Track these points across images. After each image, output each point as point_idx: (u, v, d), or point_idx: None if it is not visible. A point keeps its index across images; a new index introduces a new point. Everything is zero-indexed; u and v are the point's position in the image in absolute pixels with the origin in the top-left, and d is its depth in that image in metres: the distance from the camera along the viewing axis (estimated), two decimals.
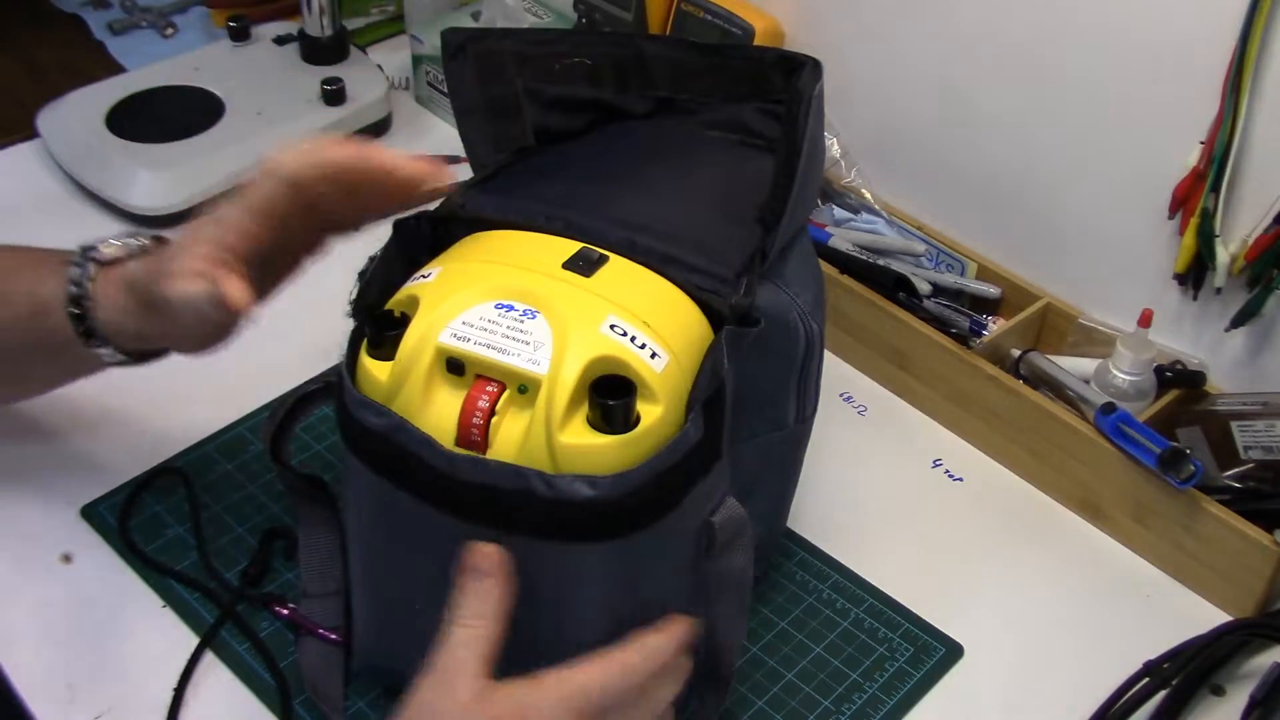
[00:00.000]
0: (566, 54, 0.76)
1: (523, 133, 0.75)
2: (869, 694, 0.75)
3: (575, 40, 0.76)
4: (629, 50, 0.76)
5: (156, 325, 0.70)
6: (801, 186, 0.67)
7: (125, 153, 1.06)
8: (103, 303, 0.71)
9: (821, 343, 0.72)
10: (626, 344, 0.58)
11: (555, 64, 0.75)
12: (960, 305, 0.98)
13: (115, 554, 0.79)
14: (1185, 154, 0.84)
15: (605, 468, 0.56)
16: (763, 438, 0.71)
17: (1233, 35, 0.79)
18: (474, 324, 0.59)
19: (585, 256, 0.62)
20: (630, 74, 0.77)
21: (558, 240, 0.64)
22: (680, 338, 0.61)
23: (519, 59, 0.75)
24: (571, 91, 0.76)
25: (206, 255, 0.66)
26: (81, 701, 0.72)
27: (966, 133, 0.97)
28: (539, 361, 0.57)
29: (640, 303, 0.60)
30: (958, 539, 0.86)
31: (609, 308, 0.59)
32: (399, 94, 1.24)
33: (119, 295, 0.71)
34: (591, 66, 0.76)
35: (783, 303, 0.68)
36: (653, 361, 0.58)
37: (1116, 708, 0.73)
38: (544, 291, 0.60)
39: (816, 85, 0.67)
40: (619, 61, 0.77)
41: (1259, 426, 0.82)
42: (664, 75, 0.77)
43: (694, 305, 0.63)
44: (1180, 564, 0.83)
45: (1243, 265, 0.83)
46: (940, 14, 0.95)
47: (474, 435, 0.58)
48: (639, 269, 0.63)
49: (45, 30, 1.29)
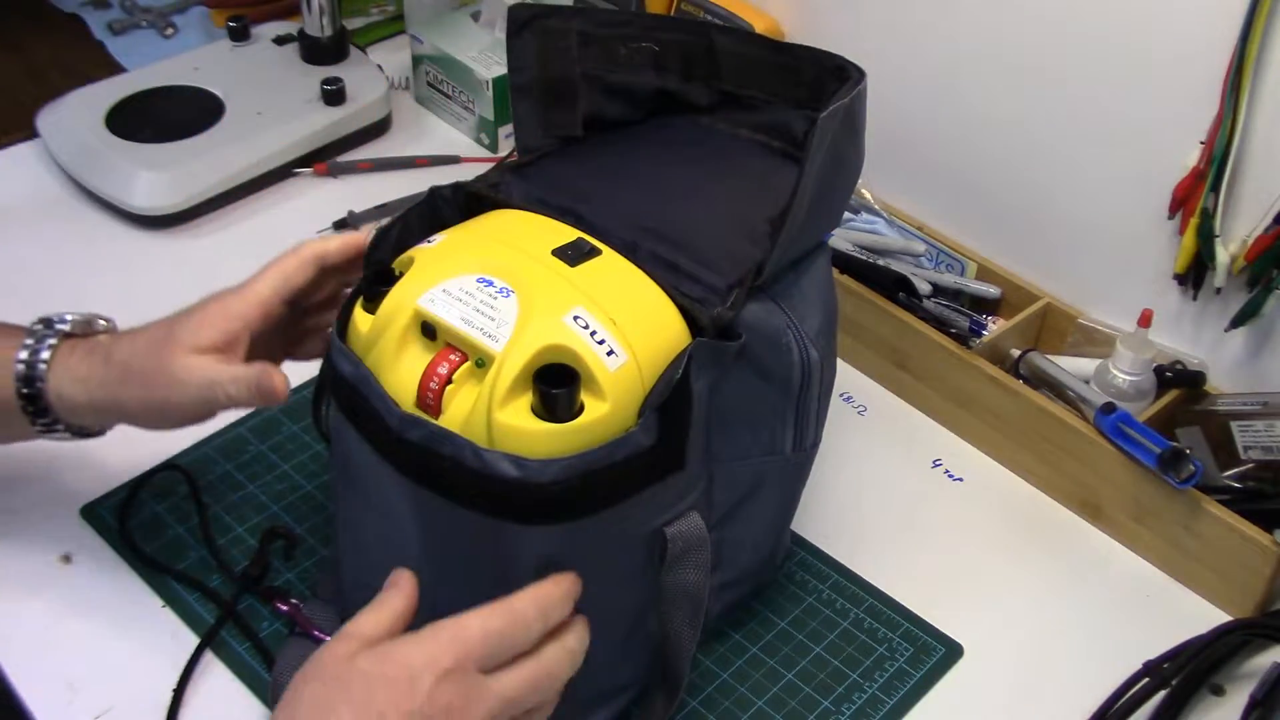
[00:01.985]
0: (634, 37, 0.74)
1: (573, 121, 0.74)
2: (869, 694, 0.75)
3: (645, 23, 0.75)
4: (700, 39, 0.75)
5: (133, 396, 0.68)
6: (810, 206, 0.65)
7: (125, 153, 1.06)
8: (60, 375, 0.69)
9: (824, 372, 0.69)
10: (584, 337, 0.58)
11: (621, 47, 0.74)
12: (960, 305, 0.98)
13: (115, 554, 0.79)
14: (1185, 154, 0.84)
15: (538, 453, 0.57)
16: (755, 461, 0.69)
17: (1233, 35, 0.79)
18: (453, 293, 0.60)
19: (578, 247, 0.63)
20: (697, 64, 0.75)
21: (562, 228, 0.65)
22: (649, 341, 0.60)
23: (584, 39, 0.73)
24: (634, 78, 0.75)
25: (224, 328, 0.67)
26: (81, 701, 0.72)
27: (966, 133, 0.97)
28: (498, 339, 0.59)
29: (615, 300, 0.60)
30: (958, 539, 0.86)
31: (580, 299, 0.60)
32: (399, 94, 1.24)
33: (83, 367, 0.69)
34: (658, 52, 0.75)
35: (777, 323, 0.66)
36: (607, 359, 0.58)
37: (1116, 708, 0.73)
38: (524, 274, 0.61)
39: (848, 97, 0.65)
40: (688, 50, 0.75)
41: (1259, 426, 0.82)
42: (731, 69, 0.75)
43: (676, 312, 0.62)
44: (1180, 564, 0.83)
45: (1243, 265, 0.83)
46: (940, 14, 0.95)
47: (429, 399, 0.60)
48: (629, 268, 0.63)
49: (45, 30, 1.29)
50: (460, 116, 1.19)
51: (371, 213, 1.07)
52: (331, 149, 1.13)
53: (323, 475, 0.85)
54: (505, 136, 1.17)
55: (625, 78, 0.75)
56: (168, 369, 0.67)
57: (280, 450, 0.86)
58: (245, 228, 1.07)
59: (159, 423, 0.71)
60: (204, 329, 0.67)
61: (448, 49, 1.17)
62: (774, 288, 0.66)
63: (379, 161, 1.14)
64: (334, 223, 1.07)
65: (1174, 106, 0.84)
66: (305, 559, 0.79)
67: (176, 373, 0.67)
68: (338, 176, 1.13)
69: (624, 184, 0.71)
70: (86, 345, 0.71)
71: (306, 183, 1.12)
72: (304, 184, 1.12)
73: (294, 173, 1.12)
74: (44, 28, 1.30)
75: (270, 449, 0.87)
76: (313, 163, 1.12)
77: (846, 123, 0.66)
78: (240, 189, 1.08)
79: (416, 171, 1.14)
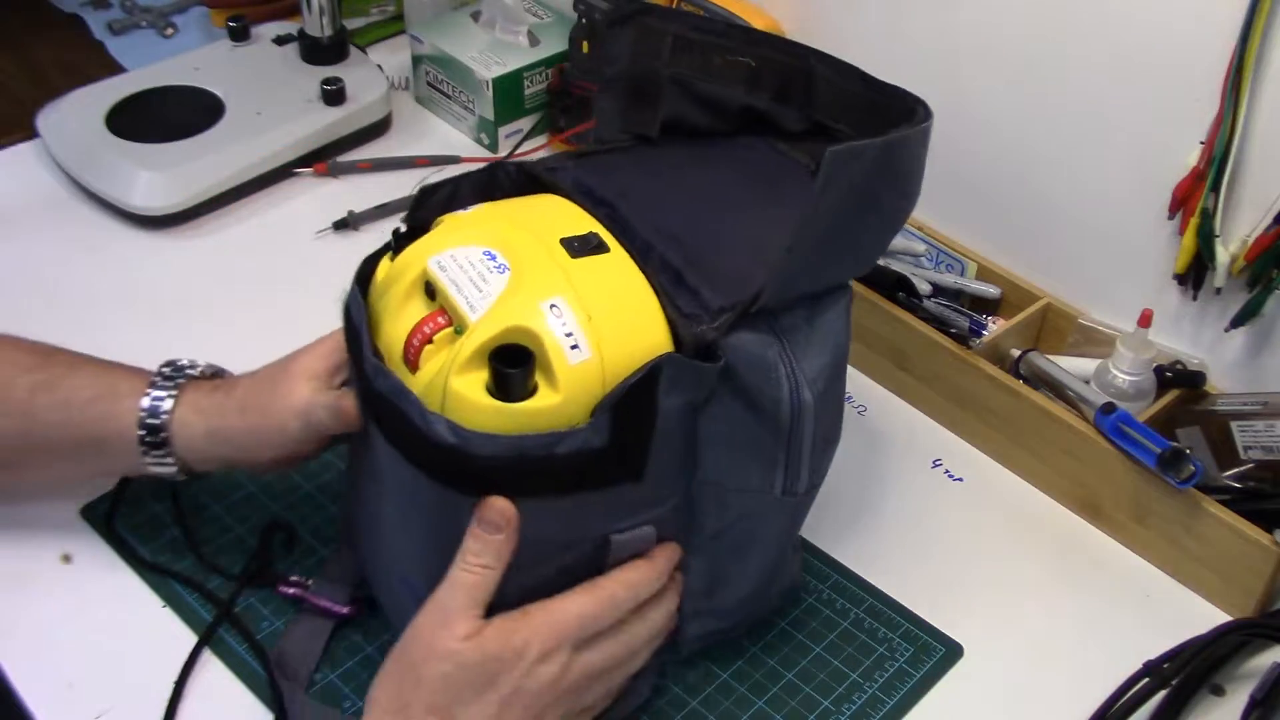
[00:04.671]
0: (732, 50, 0.73)
1: (651, 121, 0.73)
2: (869, 694, 0.75)
3: (745, 38, 0.74)
4: (799, 64, 0.72)
5: (246, 425, 0.71)
6: (825, 244, 0.63)
7: (125, 153, 1.06)
8: (185, 405, 0.72)
9: (819, 417, 0.66)
10: (553, 325, 0.59)
11: (717, 58, 0.73)
12: (960, 305, 0.98)
13: (115, 554, 0.79)
14: (1185, 154, 0.84)
15: (483, 427, 0.58)
16: (746, 494, 0.67)
17: (1233, 35, 0.79)
18: (459, 260, 0.62)
19: (586, 240, 0.63)
20: (792, 88, 0.73)
21: (587, 219, 0.65)
22: (622, 346, 0.60)
23: (680, 44, 0.72)
24: (725, 91, 0.74)
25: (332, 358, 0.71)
26: (81, 701, 0.72)
27: (967, 133, 0.97)
28: (476, 310, 0.60)
29: (600, 299, 0.60)
30: (958, 539, 0.86)
31: (565, 290, 0.60)
32: (399, 94, 1.24)
33: (207, 399, 0.73)
34: (754, 69, 0.73)
35: (770, 356, 0.63)
36: (570, 352, 0.59)
37: (1116, 708, 0.73)
38: (526, 255, 0.62)
39: (880, 139, 0.62)
40: (785, 72, 0.73)
41: (1259, 426, 0.82)
42: (825, 99, 0.73)
43: (663, 323, 0.62)
44: (1180, 564, 0.83)
45: (1243, 265, 0.83)
46: (940, 14, 0.95)
47: (409, 355, 0.62)
48: (631, 271, 0.63)
49: (45, 30, 1.29)
50: (460, 116, 1.19)
51: (371, 213, 1.07)
52: (331, 149, 1.13)
53: (323, 475, 0.85)
54: (505, 136, 1.17)
55: (715, 89, 0.73)
56: (281, 393, 0.70)
57: None
58: (245, 228, 1.07)
59: (261, 451, 0.72)
60: (316, 358, 0.71)
61: (448, 49, 1.17)
62: (780, 320, 0.64)
63: (379, 161, 1.14)
64: (334, 223, 1.07)
65: (1174, 106, 0.84)
66: (306, 557, 0.79)
67: (286, 397, 0.70)
68: (338, 176, 1.13)
69: (670, 190, 0.70)
70: (212, 383, 0.74)
71: (306, 183, 1.12)
72: (304, 184, 1.12)
73: (294, 173, 1.12)
74: (44, 28, 1.30)
75: None
76: (313, 163, 1.12)
77: (884, 164, 0.63)
78: (240, 189, 1.08)
79: (416, 171, 1.14)
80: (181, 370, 0.74)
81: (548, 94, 1.18)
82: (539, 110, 1.19)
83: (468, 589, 0.61)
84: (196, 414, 0.72)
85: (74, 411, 0.73)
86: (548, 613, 0.62)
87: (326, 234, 1.06)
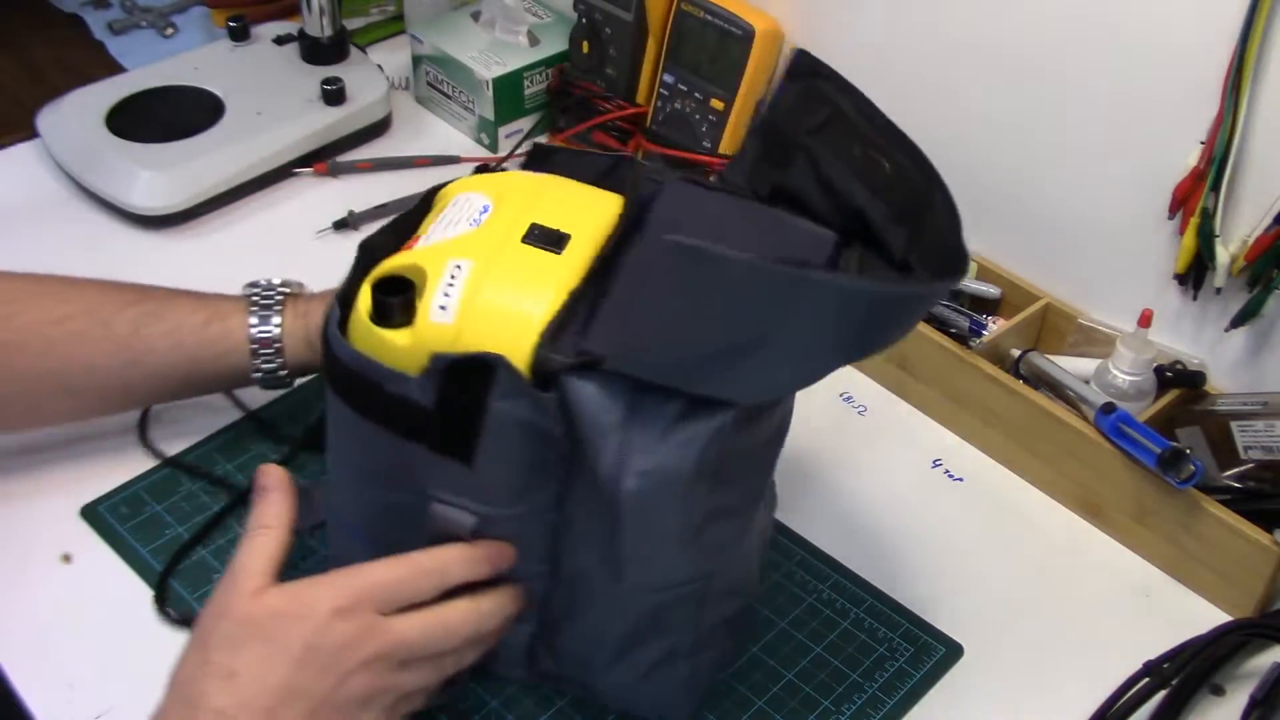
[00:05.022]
0: (877, 146, 0.65)
1: (765, 180, 0.68)
2: (869, 694, 0.75)
3: (897, 139, 0.65)
4: (932, 193, 0.62)
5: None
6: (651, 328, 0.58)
7: (125, 153, 1.06)
8: (290, 330, 0.80)
9: (643, 510, 0.60)
10: (441, 280, 0.61)
11: (858, 147, 0.65)
12: (960, 305, 0.98)
13: (115, 554, 0.79)
14: (1185, 154, 0.84)
15: (353, 340, 0.63)
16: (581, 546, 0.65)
17: (1233, 35, 0.79)
18: (471, 201, 0.66)
19: (549, 234, 0.64)
20: (918, 217, 0.63)
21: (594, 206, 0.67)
22: (485, 332, 0.60)
23: (833, 117, 0.66)
24: (850, 185, 0.65)
25: None
26: (81, 701, 0.72)
27: (966, 133, 0.97)
28: (424, 241, 0.64)
29: (502, 285, 0.61)
30: (958, 539, 0.86)
31: (479, 260, 0.62)
32: (399, 94, 1.24)
33: (303, 305, 0.81)
34: (890, 175, 0.64)
35: (603, 420, 0.59)
36: (437, 310, 0.60)
37: (1116, 708, 0.73)
38: (499, 220, 0.65)
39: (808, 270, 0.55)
40: (917, 196, 0.63)
41: (1259, 426, 0.82)
42: (933, 237, 0.63)
43: (534, 338, 0.60)
44: (1180, 564, 0.83)
45: (1243, 265, 0.83)
46: (940, 14, 0.95)
47: None
48: (558, 281, 0.61)
49: (45, 30, 1.29)
50: (460, 116, 1.19)
51: (371, 213, 1.07)
52: (331, 149, 1.13)
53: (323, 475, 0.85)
54: (505, 136, 1.17)
55: (842, 176, 0.66)
56: None
57: (281, 450, 0.86)
58: (245, 228, 1.07)
59: None
60: None
61: (448, 49, 1.17)
62: (645, 399, 0.59)
63: (379, 161, 1.14)
64: (334, 223, 1.07)
65: (1174, 106, 0.84)
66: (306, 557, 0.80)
67: None
68: (338, 176, 1.13)
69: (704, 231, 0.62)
70: (305, 295, 0.83)
71: (306, 183, 1.12)
72: (304, 184, 1.12)
73: (294, 173, 1.12)
74: (44, 28, 1.30)
75: (270, 449, 0.87)
76: (313, 163, 1.12)
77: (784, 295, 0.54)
78: (240, 189, 1.08)
79: (416, 171, 1.14)
80: (272, 287, 0.82)
81: (548, 94, 1.18)
82: (539, 110, 1.19)
83: (252, 551, 0.63)
84: (296, 320, 0.80)
85: (186, 335, 0.79)
86: (345, 574, 0.62)
87: (327, 234, 1.06)
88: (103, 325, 0.79)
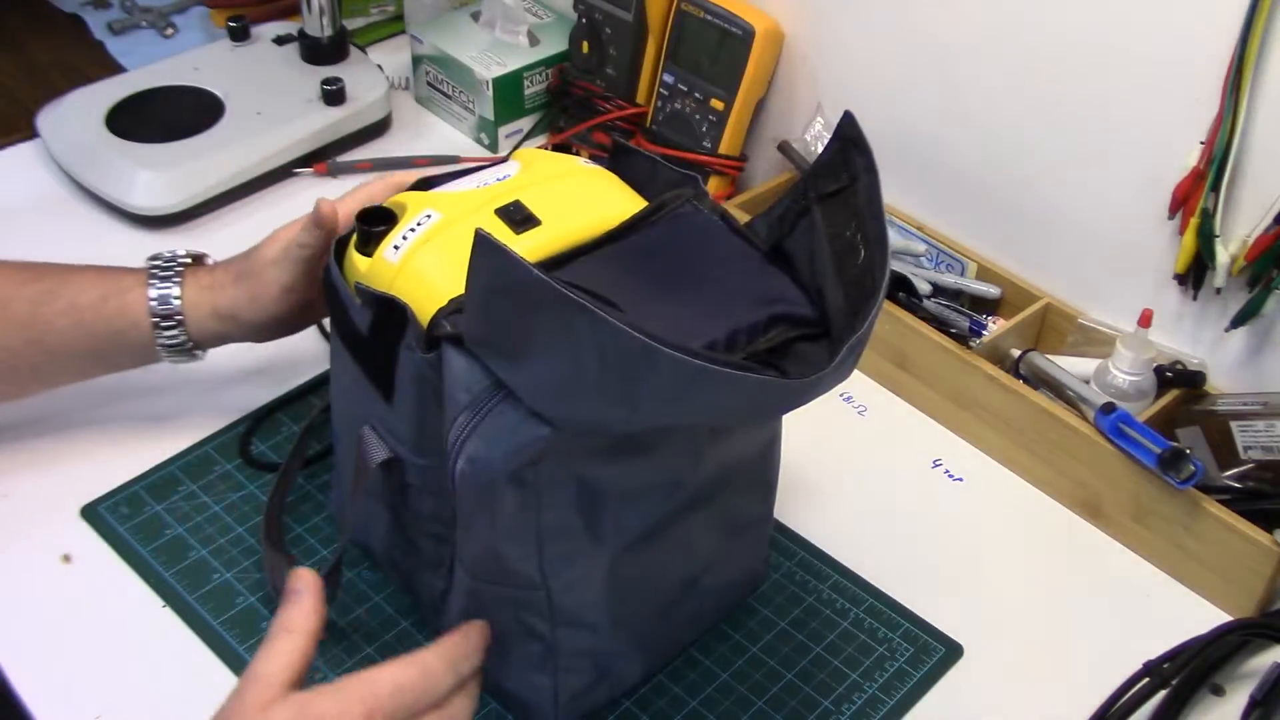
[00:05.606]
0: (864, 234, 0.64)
1: (768, 232, 0.68)
2: (869, 694, 0.75)
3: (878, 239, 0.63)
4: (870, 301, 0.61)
5: (242, 292, 0.79)
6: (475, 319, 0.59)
7: (125, 153, 1.06)
8: (190, 284, 0.80)
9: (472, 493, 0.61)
10: (409, 221, 0.66)
11: (850, 230, 0.64)
12: (960, 305, 0.98)
13: (115, 554, 0.79)
14: (1185, 154, 0.84)
15: (345, 266, 0.69)
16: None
17: (1233, 36, 0.79)
18: (505, 166, 0.72)
19: (520, 210, 0.66)
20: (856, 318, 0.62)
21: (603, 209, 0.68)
22: (417, 282, 0.64)
23: (844, 191, 0.65)
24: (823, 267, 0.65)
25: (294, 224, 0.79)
26: (81, 701, 0.72)
27: (966, 132, 0.97)
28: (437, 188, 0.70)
29: (452, 246, 0.64)
30: (958, 539, 0.86)
31: (447, 215, 0.66)
32: (399, 94, 1.24)
33: (207, 277, 0.80)
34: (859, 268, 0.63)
35: (458, 396, 0.60)
36: (391, 249, 0.65)
37: (1116, 708, 0.73)
38: (502, 187, 0.69)
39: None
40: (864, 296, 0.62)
41: (1259, 426, 0.82)
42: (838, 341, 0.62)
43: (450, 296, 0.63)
44: (1180, 564, 0.83)
45: (1243, 265, 0.83)
46: (940, 14, 0.95)
47: None
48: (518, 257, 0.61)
49: (45, 30, 1.29)
50: (460, 116, 1.19)
51: None
52: (331, 149, 1.14)
53: (324, 475, 0.85)
54: (505, 136, 1.17)
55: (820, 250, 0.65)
56: (264, 250, 0.79)
57: (280, 450, 0.87)
58: (245, 228, 1.06)
59: (257, 313, 0.79)
60: (291, 225, 0.79)
61: (448, 49, 1.17)
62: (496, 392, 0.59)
63: (379, 161, 1.14)
64: None
65: (1174, 106, 0.84)
66: (305, 557, 0.80)
67: (269, 249, 0.79)
68: (338, 176, 1.13)
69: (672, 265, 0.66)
70: (206, 265, 0.83)
71: (306, 183, 1.12)
72: (304, 184, 1.12)
73: (294, 173, 1.12)
74: (44, 28, 1.30)
75: (270, 449, 0.87)
76: (313, 163, 1.12)
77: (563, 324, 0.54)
78: (240, 189, 1.08)
79: (416, 172, 1.14)
80: (174, 259, 0.81)
81: (548, 94, 1.19)
82: (539, 110, 1.19)
83: (271, 656, 0.60)
84: (200, 293, 0.79)
85: (84, 313, 0.78)
86: (360, 682, 0.59)
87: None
88: (3, 306, 0.78)
